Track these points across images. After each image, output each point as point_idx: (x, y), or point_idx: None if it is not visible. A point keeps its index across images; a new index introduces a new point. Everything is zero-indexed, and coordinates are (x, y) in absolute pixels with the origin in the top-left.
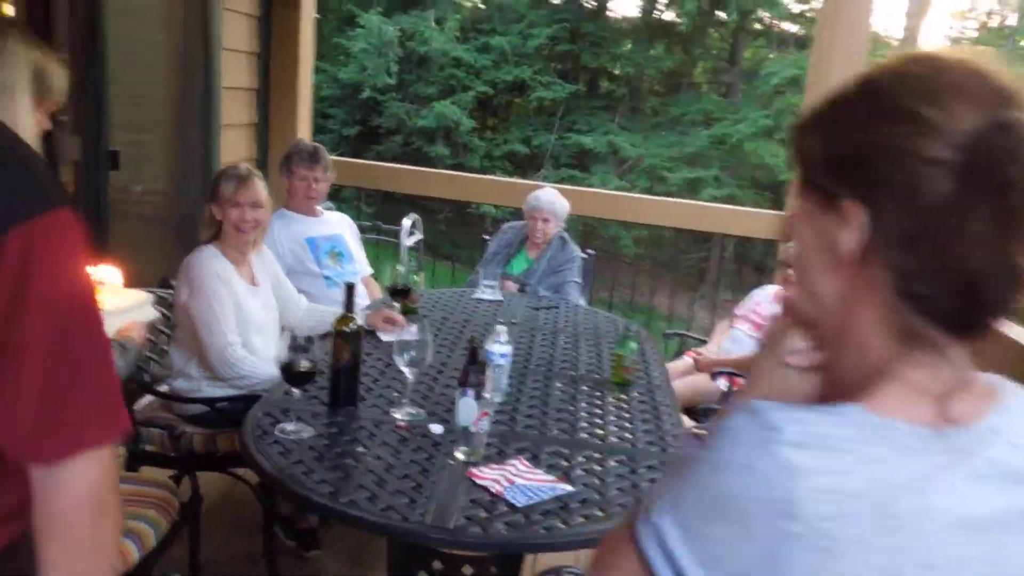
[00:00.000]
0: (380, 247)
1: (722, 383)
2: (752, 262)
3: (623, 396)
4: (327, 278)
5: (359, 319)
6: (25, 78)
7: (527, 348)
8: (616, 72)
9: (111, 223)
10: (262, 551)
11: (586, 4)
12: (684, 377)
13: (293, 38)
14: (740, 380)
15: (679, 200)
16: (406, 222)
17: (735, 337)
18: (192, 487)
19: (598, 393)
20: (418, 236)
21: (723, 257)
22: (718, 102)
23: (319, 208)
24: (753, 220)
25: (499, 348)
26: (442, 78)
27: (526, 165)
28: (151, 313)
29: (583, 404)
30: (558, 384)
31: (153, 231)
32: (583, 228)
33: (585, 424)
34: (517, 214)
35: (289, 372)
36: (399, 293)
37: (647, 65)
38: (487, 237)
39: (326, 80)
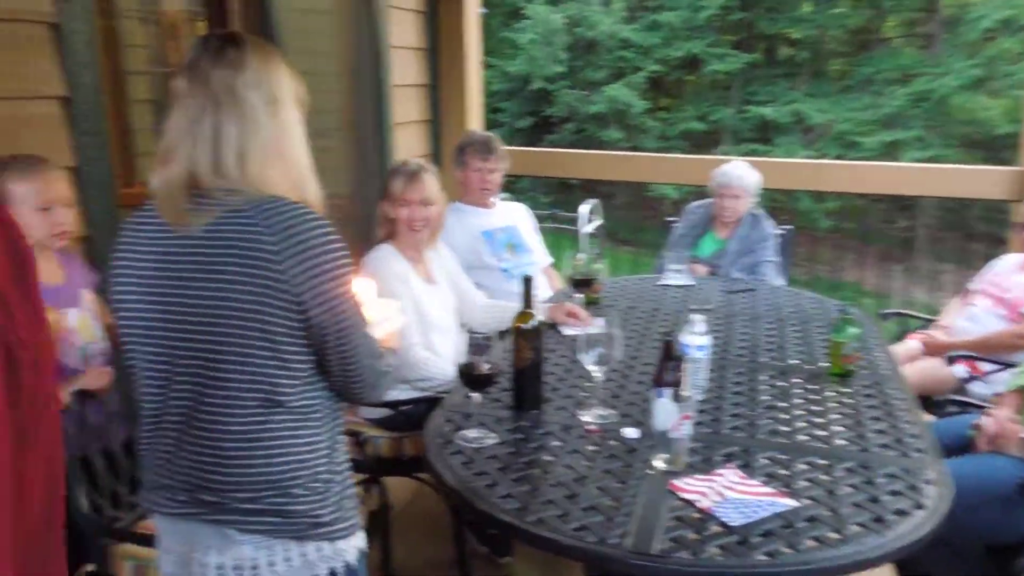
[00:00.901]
0: (559, 236)
1: (960, 369)
2: (962, 229)
3: (846, 389)
4: (505, 270)
5: (539, 314)
6: (290, 87)
7: (725, 337)
8: (796, 36)
9: None
10: (454, 557)
11: None
12: (911, 363)
13: (459, 32)
14: (982, 365)
15: (881, 163)
16: (584, 208)
17: (972, 315)
18: (380, 494)
19: (814, 387)
20: (598, 222)
21: (928, 225)
22: (916, 56)
23: (494, 200)
24: (972, 179)
25: (696, 339)
26: (611, 61)
27: (705, 143)
28: (402, 320)
29: (798, 400)
30: (765, 377)
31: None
32: (771, 204)
33: (803, 424)
34: (697, 194)
35: (468, 376)
36: (581, 283)
37: (830, 25)
38: (672, 219)
39: (496, 75)
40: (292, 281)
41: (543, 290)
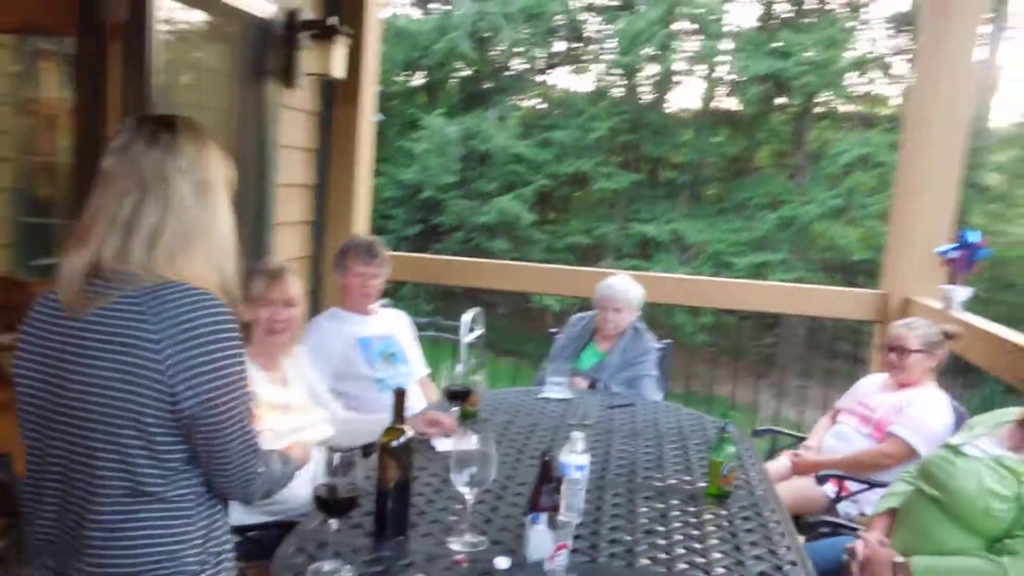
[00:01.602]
0: (439, 345)
1: (830, 488)
2: (824, 348)
3: (724, 512)
4: (379, 381)
5: (410, 430)
6: (222, 172)
7: (604, 455)
8: (678, 160)
9: None
10: None
11: (645, 97)
12: (782, 482)
13: (352, 135)
14: (850, 485)
15: (753, 282)
16: (466, 317)
17: (840, 433)
18: None
19: (693, 508)
20: (479, 331)
21: (792, 341)
22: (784, 184)
23: (374, 306)
24: (837, 300)
25: (575, 459)
26: (503, 174)
27: (588, 257)
28: (324, 434)
29: (677, 524)
30: (643, 498)
31: None
32: (647, 318)
33: (682, 551)
34: (579, 306)
35: (325, 500)
36: (457, 395)
37: (709, 152)
38: (555, 331)
39: (388, 182)
40: (168, 371)
41: (418, 402)
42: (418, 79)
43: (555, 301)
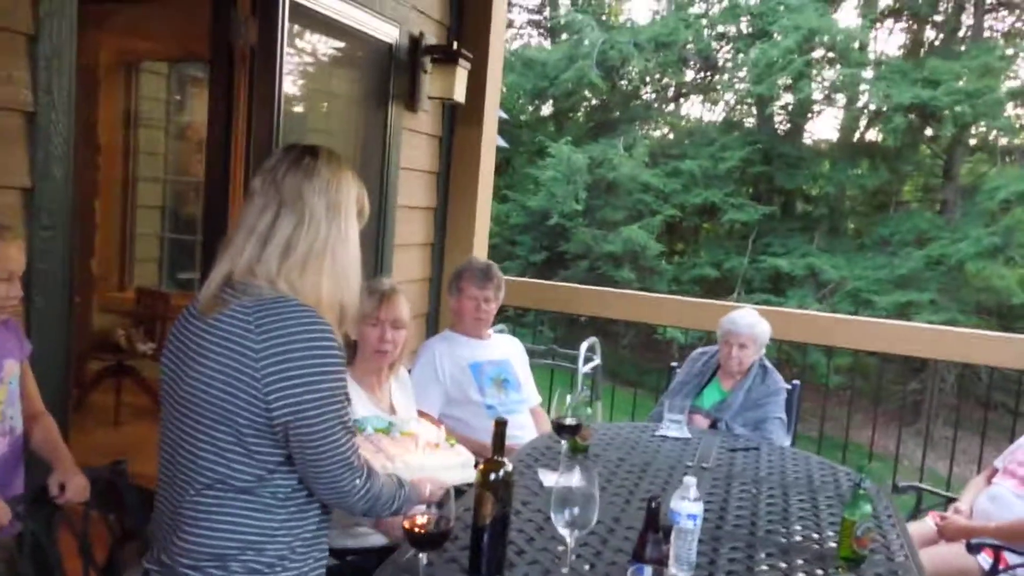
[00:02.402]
0: (555, 373)
1: (984, 559)
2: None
3: (859, 570)
4: (490, 408)
5: (509, 463)
6: (353, 198)
7: (721, 502)
8: (814, 192)
9: None
10: None
11: (781, 127)
12: (927, 548)
13: (473, 159)
14: (1009, 557)
15: (897, 322)
16: (583, 345)
17: (996, 495)
18: None
19: (820, 571)
20: (596, 361)
21: (940, 388)
22: (932, 220)
23: (488, 331)
24: (993, 346)
25: (687, 507)
26: (630, 203)
27: (717, 290)
28: (468, 476)
29: None
30: (764, 555)
31: None
32: (778, 355)
33: None
34: (706, 340)
35: (413, 533)
36: (567, 429)
37: (848, 184)
38: (675, 364)
39: (515, 209)
40: (264, 380)
41: (529, 432)
42: (546, 108)
43: (680, 333)
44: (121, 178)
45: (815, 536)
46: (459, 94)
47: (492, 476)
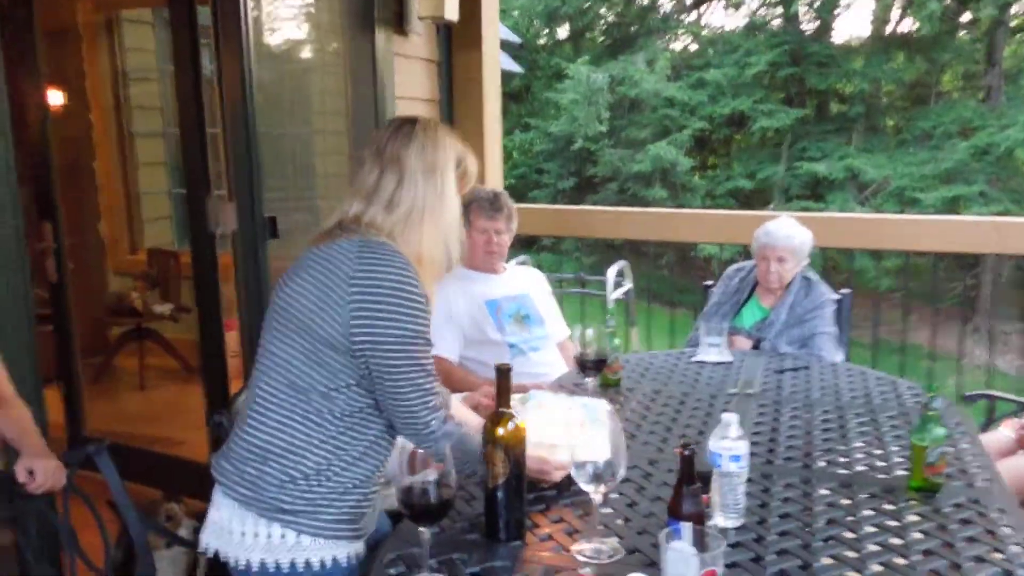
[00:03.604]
0: (587, 302)
1: None
2: None
3: (933, 511)
4: (512, 346)
5: (520, 413)
6: (451, 161)
7: (771, 433)
8: (848, 91)
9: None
10: None
11: (807, 26)
12: (1005, 460)
13: (476, 83)
14: None
15: (947, 217)
16: (611, 271)
17: None
18: None
19: (890, 507)
20: (627, 286)
21: (996, 282)
22: (976, 109)
23: (503, 264)
24: None
25: (729, 447)
26: (655, 120)
27: (753, 201)
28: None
29: (870, 528)
30: (824, 492)
31: None
32: (824, 264)
33: (879, 568)
34: (745, 253)
35: (410, 504)
36: (590, 365)
37: (884, 79)
38: (709, 284)
39: (539, 136)
40: (351, 305)
41: (559, 369)
42: (562, 30)
43: (717, 249)
44: (116, 137)
45: (880, 464)
46: (451, 11)
47: (500, 431)
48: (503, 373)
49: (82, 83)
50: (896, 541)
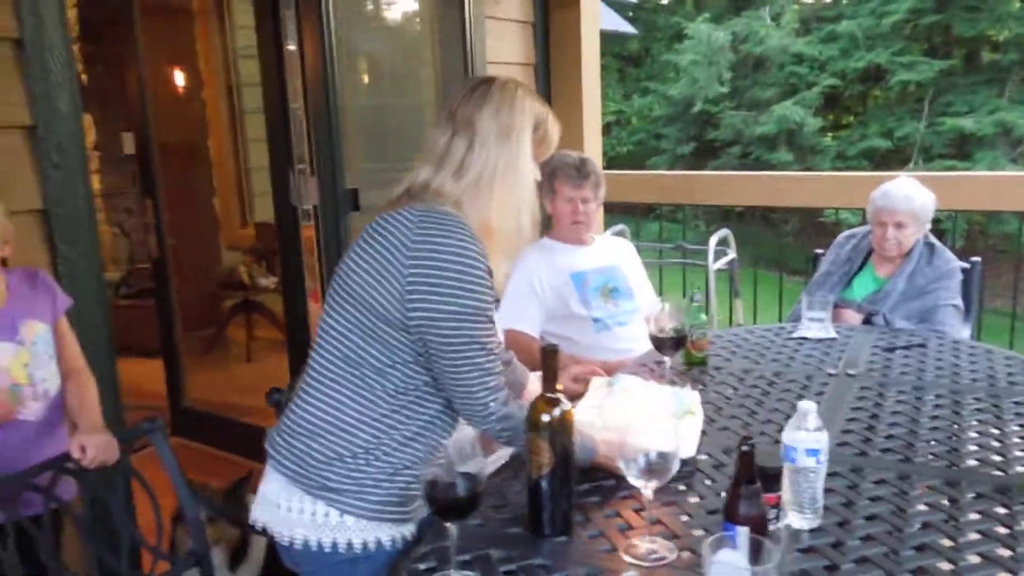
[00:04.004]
0: (687, 272)
1: None
2: None
3: None
4: (597, 320)
5: (566, 401)
6: (528, 125)
7: (869, 419)
8: (1001, 38)
9: None
10: None
11: None
12: None
13: (574, 44)
14: None
15: None
16: (712, 240)
17: None
18: None
19: (1003, 509)
20: (730, 255)
21: None
22: None
23: (591, 235)
24: None
25: (804, 439)
26: (781, 78)
27: (890, 161)
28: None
29: (974, 535)
30: (924, 488)
31: None
32: (967, 228)
33: None
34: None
35: (435, 500)
36: (666, 343)
37: None
38: (820, 252)
39: (657, 100)
40: (408, 278)
41: (644, 343)
42: None
43: (851, 214)
44: (228, 114)
45: (996, 459)
46: None
47: (545, 417)
48: (549, 354)
49: (196, 63)
50: (1003, 553)
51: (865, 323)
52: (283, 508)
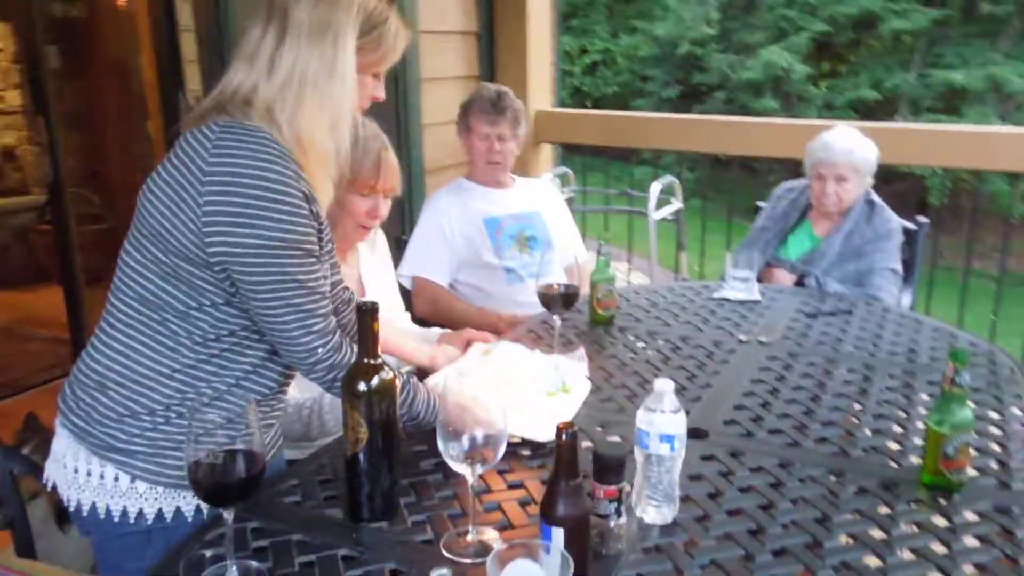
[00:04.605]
0: (634, 222)
1: None
2: None
3: (942, 516)
4: (509, 271)
5: (387, 370)
6: (351, 24)
7: (767, 395)
8: None
9: None
10: None
11: None
12: None
13: None
14: None
15: None
16: (654, 187)
17: None
18: None
19: (885, 509)
20: (676, 205)
21: None
22: None
23: (511, 177)
24: None
25: (658, 422)
26: (771, 21)
27: (877, 113)
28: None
29: (844, 537)
30: (802, 479)
31: None
32: (953, 185)
33: None
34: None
35: (198, 483)
36: (554, 300)
37: None
38: (762, 204)
39: (644, 40)
40: (204, 208)
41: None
42: None
43: None
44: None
45: (893, 448)
46: None
47: (361, 386)
48: (366, 314)
49: None
50: (872, 562)
51: (797, 284)
52: (69, 468)
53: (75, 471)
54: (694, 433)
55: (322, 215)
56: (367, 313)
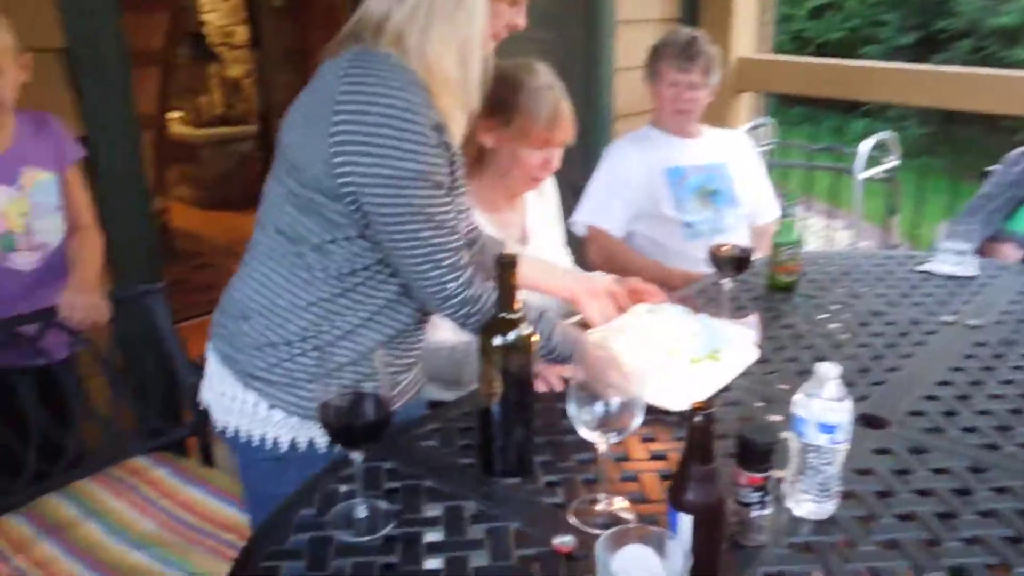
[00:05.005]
0: (843, 179)
1: None
2: None
3: None
4: (688, 225)
5: (527, 324)
6: None
7: (966, 386)
8: None
9: None
10: None
11: None
12: None
13: None
14: None
15: None
16: (864, 145)
17: None
18: None
19: None
20: (892, 163)
21: None
22: None
23: (699, 127)
24: None
25: (820, 411)
26: None
27: None
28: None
29: None
30: (992, 490)
31: None
32: None
33: None
34: None
35: (330, 425)
36: (726, 262)
37: None
38: (988, 170)
39: None
40: (334, 137)
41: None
42: None
43: None
44: None
45: None
46: None
47: (497, 340)
48: (506, 267)
49: None
50: None
51: None
52: (218, 392)
53: (222, 394)
54: (869, 421)
55: (453, 145)
56: (506, 266)
